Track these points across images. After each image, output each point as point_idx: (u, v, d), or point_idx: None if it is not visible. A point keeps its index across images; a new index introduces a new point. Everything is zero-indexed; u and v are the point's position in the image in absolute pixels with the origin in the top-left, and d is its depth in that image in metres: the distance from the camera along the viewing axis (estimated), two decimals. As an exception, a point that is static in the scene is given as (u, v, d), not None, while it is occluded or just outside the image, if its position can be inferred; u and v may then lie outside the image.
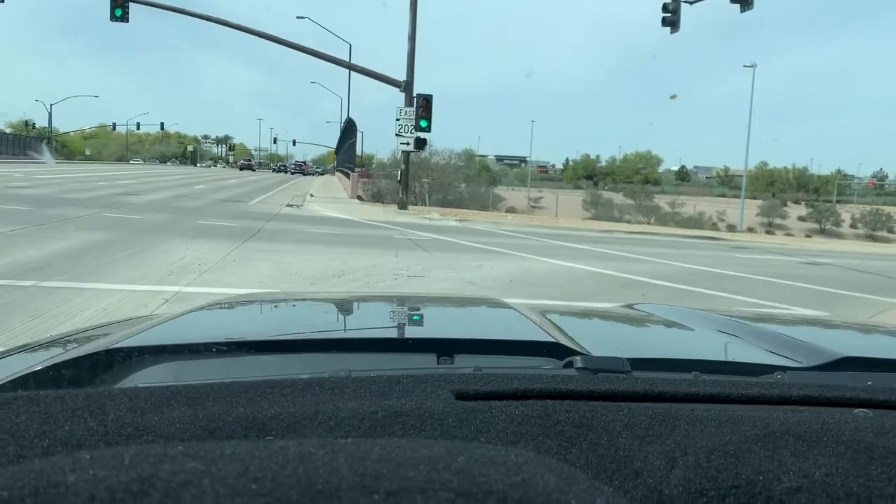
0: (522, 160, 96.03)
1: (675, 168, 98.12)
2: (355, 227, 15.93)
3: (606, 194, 63.42)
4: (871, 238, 49.88)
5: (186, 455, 0.39)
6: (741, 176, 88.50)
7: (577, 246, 14.69)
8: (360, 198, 26.03)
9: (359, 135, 41.67)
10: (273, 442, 0.44)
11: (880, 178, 79.16)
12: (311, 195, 26.66)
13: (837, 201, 73.88)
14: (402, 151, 21.71)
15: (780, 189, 77.65)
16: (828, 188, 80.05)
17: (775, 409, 0.74)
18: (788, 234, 54.31)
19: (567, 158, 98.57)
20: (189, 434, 0.57)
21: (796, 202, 71.94)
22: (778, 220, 64.10)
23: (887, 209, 64.97)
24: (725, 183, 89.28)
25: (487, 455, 0.42)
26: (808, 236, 58.87)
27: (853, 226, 62.58)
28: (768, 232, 56.62)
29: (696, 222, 45.67)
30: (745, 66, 39.29)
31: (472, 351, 1.04)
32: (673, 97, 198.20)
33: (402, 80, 21.63)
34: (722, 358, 1.18)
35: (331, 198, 25.79)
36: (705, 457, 0.57)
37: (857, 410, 0.76)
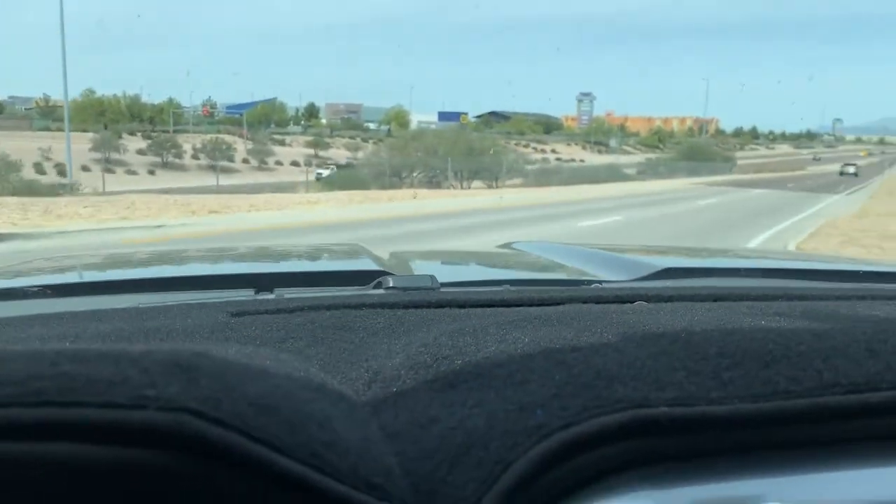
0: None
1: (-22, 98, 77.95)
2: None
3: None
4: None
5: None
6: (62, 106, 75.87)
7: None
8: None
9: None
10: None
11: (212, 105, 78.51)
12: None
13: (175, 131, 69.73)
14: None
15: (112, 119, 68.95)
16: (163, 117, 75.26)
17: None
18: (130, 173, 46.94)
19: None
20: None
21: (132, 133, 64.64)
22: (116, 156, 55.91)
23: (227, 138, 63.78)
24: (48, 114, 75.18)
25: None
26: (151, 172, 52.88)
27: (195, 157, 59.43)
28: (108, 171, 48.19)
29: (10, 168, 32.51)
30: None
31: (295, 284, 0.98)
32: None
33: None
34: (545, 277, 1.20)
35: None
36: (433, 339, 0.57)
37: (636, 303, 0.76)
